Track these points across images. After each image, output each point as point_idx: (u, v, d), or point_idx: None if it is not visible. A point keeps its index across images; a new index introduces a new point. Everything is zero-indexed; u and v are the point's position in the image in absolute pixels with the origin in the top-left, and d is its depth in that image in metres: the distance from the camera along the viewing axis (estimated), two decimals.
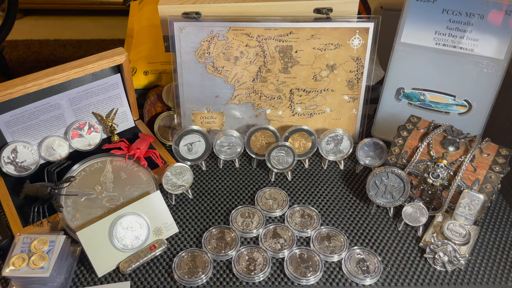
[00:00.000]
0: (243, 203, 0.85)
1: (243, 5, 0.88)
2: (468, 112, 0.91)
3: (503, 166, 0.78)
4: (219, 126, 0.94)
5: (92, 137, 0.91)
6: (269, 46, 0.87)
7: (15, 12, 1.87)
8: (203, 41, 0.86)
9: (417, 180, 0.83)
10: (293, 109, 0.93)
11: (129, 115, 0.96)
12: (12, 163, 0.84)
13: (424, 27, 0.87)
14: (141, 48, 1.09)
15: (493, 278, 0.73)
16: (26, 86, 0.78)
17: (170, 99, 0.96)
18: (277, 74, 0.90)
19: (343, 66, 0.89)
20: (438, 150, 0.81)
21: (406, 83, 0.93)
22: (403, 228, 0.80)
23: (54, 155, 0.88)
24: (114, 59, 0.85)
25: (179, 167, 0.84)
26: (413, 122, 0.87)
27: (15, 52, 2.47)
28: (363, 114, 0.94)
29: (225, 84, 0.90)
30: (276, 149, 0.88)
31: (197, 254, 0.75)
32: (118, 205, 0.79)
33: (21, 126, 0.84)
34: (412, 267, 0.74)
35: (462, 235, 0.76)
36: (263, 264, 0.73)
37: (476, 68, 0.86)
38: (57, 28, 2.71)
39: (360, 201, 0.86)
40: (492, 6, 0.81)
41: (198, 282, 0.71)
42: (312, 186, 0.89)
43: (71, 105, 0.87)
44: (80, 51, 2.50)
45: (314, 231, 0.79)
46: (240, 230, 0.78)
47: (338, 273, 0.73)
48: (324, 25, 0.86)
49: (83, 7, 2.75)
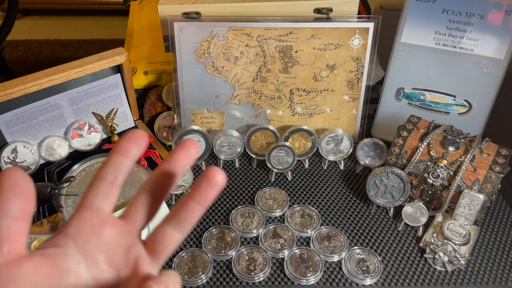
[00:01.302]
0: (243, 203, 0.85)
1: (243, 5, 0.88)
2: (468, 112, 0.91)
3: (503, 166, 0.78)
4: (219, 126, 0.94)
5: (92, 137, 0.91)
6: (269, 46, 0.87)
7: (15, 12, 1.87)
8: (203, 41, 0.86)
9: (417, 180, 0.83)
10: (293, 109, 0.93)
11: (129, 115, 0.96)
12: (12, 163, 0.84)
13: (424, 27, 0.87)
14: (141, 48, 1.09)
15: (493, 278, 0.73)
16: (26, 86, 0.78)
17: (170, 99, 0.96)
18: (277, 74, 0.90)
19: (343, 66, 0.89)
20: (438, 150, 0.81)
21: (406, 83, 0.93)
22: (403, 228, 0.80)
23: (54, 155, 0.88)
24: (114, 59, 0.85)
25: None
26: (413, 122, 0.87)
27: (15, 52, 2.47)
28: (363, 114, 0.94)
29: (225, 84, 0.90)
30: (276, 149, 0.88)
31: (197, 254, 0.75)
32: (118, 205, 0.78)
33: (21, 126, 0.84)
34: (412, 267, 0.74)
35: (462, 235, 0.76)
36: (263, 264, 0.73)
37: (476, 68, 0.86)
38: (57, 28, 2.71)
39: (360, 201, 0.86)
40: (492, 6, 0.81)
41: (198, 282, 0.71)
42: (312, 186, 0.89)
43: (71, 105, 0.87)
44: (80, 51, 2.50)
45: (314, 231, 0.79)
46: (240, 230, 0.78)
47: (338, 273, 0.73)
48: (324, 25, 0.86)
49: (83, 7, 2.75)
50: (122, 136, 0.35)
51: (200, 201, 0.34)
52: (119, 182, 0.34)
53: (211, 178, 0.33)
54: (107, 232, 0.33)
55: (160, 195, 0.36)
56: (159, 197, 0.36)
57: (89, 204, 0.34)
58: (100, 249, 0.33)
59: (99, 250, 0.33)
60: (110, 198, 0.34)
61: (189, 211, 0.34)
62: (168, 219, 0.35)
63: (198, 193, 0.34)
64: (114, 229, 0.34)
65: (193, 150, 0.35)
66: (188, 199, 0.34)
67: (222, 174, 0.34)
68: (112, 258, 0.33)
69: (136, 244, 0.34)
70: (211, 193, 0.34)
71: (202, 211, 0.35)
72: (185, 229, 0.35)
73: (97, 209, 0.33)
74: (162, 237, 0.35)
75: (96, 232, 0.33)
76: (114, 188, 0.34)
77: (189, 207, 0.34)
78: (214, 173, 0.33)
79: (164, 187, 0.35)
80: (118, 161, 0.34)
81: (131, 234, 0.35)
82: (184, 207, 0.34)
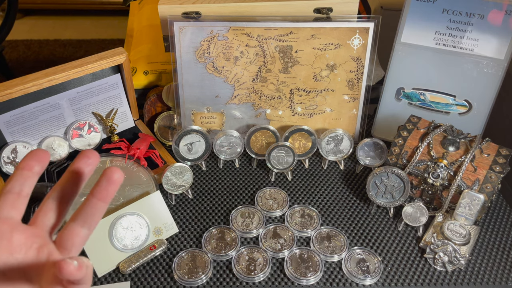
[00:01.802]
0: (243, 203, 0.85)
1: (243, 5, 0.88)
2: (468, 112, 0.91)
3: (503, 166, 0.78)
4: (219, 126, 0.94)
5: (92, 137, 0.91)
6: (269, 46, 0.87)
7: (15, 12, 1.87)
8: (203, 41, 0.86)
9: (417, 180, 0.83)
10: (293, 109, 0.93)
11: (129, 115, 0.96)
12: (12, 163, 0.84)
13: (424, 27, 0.87)
14: (141, 48, 1.09)
15: (493, 278, 0.73)
16: (26, 86, 0.78)
17: (170, 99, 0.96)
18: (277, 74, 0.90)
19: (343, 66, 0.89)
20: (438, 150, 0.81)
21: (406, 83, 0.93)
22: (403, 228, 0.80)
23: (54, 155, 0.88)
24: (114, 59, 0.85)
25: (179, 167, 0.84)
26: (413, 122, 0.87)
27: (15, 52, 2.47)
28: (363, 114, 0.94)
29: (225, 84, 0.90)
30: (276, 149, 0.88)
31: (197, 254, 0.74)
32: (118, 205, 0.78)
33: (21, 126, 0.84)
34: (412, 267, 0.74)
35: (462, 235, 0.76)
36: (263, 264, 0.73)
37: (476, 68, 0.86)
38: (57, 28, 2.71)
39: (360, 201, 0.86)
40: (492, 6, 0.81)
41: (198, 282, 0.71)
42: (312, 186, 0.89)
43: (71, 105, 0.87)
44: (80, 51, 2.50)
45: (314, 231, 0.79)
46: (240, 230, 0.78)
47: (338, 273, 0.73)
48: (324, 25, 0.86)
49: (83, 7, 2.75)
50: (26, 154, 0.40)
51: (101, 197, 0.38)
52: (25, 194, 0.39)
53: (110, 176, 0.38)
54: (16, 237, 0.37)
55: (66, 200, 0.40)
56: (65, 202, 0.40)
57: None
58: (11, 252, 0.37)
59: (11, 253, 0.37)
60: (18, 208, 0.39)
61: (93, 207, 0.39)
62: (74, 217, 0.39)
63: (99, 190, 0.38)
64: (23, 234, 0.38)
65: (93, 158, 0.40)
66: (91, 197, 0.39)
67: (119, 172, 0.39)
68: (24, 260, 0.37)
69: (47, 244, 0.38)
70: (111, 188, 0.38)
71: (104, 207, 0.39)
72: (91, 224, 0.39)
73: (6, 218, 0.38)
74: (69, 234, 0.39)
75: (6, 237, 0.37)
76: (20, 199, 0.39)
77: (92, 203, 0.38)
78: (112, 172, 0.38)
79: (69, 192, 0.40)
80: (22, 175, 0.39)
81: (40, 236, 0.39)
82: (88, 205, 0.39)
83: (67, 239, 0.39)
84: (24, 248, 0.37)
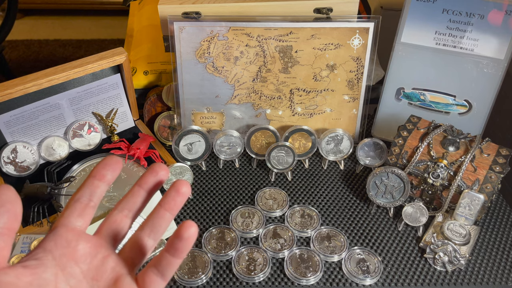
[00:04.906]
0: (243, 203, 0.85)
1: (243, 5, 0.88)
2: (468, 112, 0.91)
3: (503, 166, 0.78)
4: (219, 126, 0.94)
5: (92, 137, 0.91)
6: (269, 46, 0.87)
7: (15, 12, 1.87)
8: (203, 41, 0.86)
9: (417, 180, 0.83)
10: (293, 109, 0.93)
11: (129, 115, 0.96)
12: (12, 163, 0.84)
13: (424, 27, 0.87)
14: (141, 48, 1.09)
15: (493, 278, 0.73)
16: (26, 86, 0.78)
17: (170, 99, 0.96)
18: (277, 74, 0.90)
19: (343, 66, 0.89)
20: (438, 150, 0.81)
21: (406, 83, 0.93)
22: (403, 228, 0.80)
23: (54, 155, 0.88)
24: (114, 59, 0.85)
25: (179, 167, 0.84)
26: (413, 122, 0.87)
27: (15, 52, 2.47)
28: (363, 114, 0.94)
29: (225, 84, 0.90)
30: (276, 149, 0.88)
31: (197, 254, 0.74)
32: None
33: (21, 126, 0.84)
34: (412, 267, 0.74)
35: (462, 235, 0.76)
36: (263, 264, 0.73)
37: (476, 68, 0.86)
38: (57, 28, 2.71)
39: (360, 201, 0.86)
40: (492, 6, 0.81)
41: (198, 282, 0.71)
42: (312, 186, 0.89)
43: (71, 105, 0.87)
44: (80, 51, 2.50)
45: (314, 231, 0.79)
46: (240, 230, 0.78)
47: (338, 273, 0.73)
48: (324, 25, 0.86)
49: (83, 7, 2.75)
50: (99, 162, 0.40)
51: (168, 207, 0.39)
52: (93, 204, 0.39)
53: (178, 188, 0.39)
54: (81, 246, 0.37)
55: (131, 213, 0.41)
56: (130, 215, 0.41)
57: (65, 222, 0.38)
58: (76, 261, 0.37)
59: (75, 263, 0.37)
60: (84, 218, 0.38)
61: (160, 217, 0.39)
62: (142, 227, 0.40)
63: (167, 201, 0.39)
64: (88, 244, 0.38)
65: (162, 173, 0.40)
66: (158, 207, 0.39)
67: (188, 186, 0.39)
68: (88, 269, 0.37)
69: (111, 255, 0.39)
70: (179, 200, 0.39)
71: (171, 218, 0.40)
72: (157, 234, 0.40)
73: (73, 227, 0.38)
74: (137, 244, 0.39)
75: (71, 246, 0.37)
76: (88, 209, 0.39)
77: (160, 214, 0.39)
78: (181, 184, 0.39)
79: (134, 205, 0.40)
80: (93, 185, 0.39)
81: (104, 247, 0.39)
82: (156, 215, 0.39)
83: (134, 249, 0.39)
84: (88, 259, 0.37)
